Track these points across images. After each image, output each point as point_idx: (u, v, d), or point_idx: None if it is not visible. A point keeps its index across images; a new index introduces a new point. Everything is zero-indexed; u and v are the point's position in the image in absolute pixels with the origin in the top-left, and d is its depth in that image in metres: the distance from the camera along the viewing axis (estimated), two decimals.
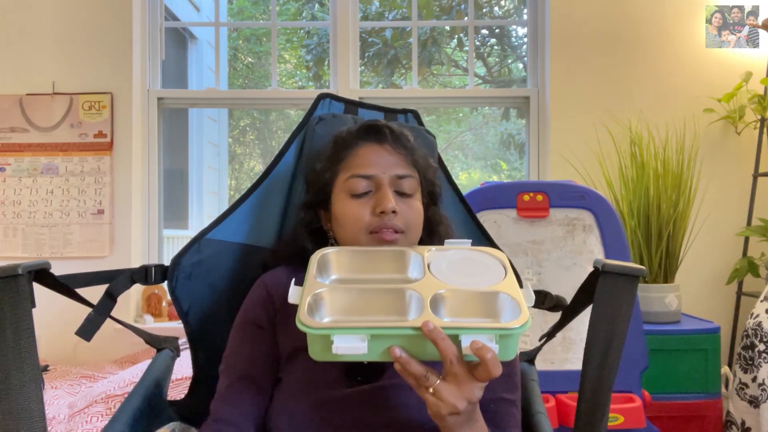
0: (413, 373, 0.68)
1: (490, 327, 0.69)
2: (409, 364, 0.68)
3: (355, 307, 0.76)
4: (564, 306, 0.99)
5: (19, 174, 2.64)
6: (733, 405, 1.87)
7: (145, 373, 1.01)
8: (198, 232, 1.08)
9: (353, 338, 0.68)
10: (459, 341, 0.68)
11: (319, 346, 0.70)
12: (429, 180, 0.98)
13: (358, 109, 1.17)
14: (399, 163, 0.93)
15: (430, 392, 0.69)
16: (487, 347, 0.66)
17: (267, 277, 0.98)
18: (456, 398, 0.68)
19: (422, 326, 0.67)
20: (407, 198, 0.92)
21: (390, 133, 0.94)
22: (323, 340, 0.69)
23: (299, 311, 0.72)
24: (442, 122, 6.91)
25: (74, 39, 2.65)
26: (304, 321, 0.70)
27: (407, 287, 0.77)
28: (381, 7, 5.51)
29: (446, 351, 0.67)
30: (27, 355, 0.72)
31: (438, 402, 0.68)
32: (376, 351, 0.69)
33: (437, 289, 0.76)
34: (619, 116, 2.59)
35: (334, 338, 0.67)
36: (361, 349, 0.67)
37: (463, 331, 0.68)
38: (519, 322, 0.69)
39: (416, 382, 0.69)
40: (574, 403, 0.78)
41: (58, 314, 1.84)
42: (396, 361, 0.69)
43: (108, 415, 1.81)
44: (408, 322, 0.70)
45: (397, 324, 0.70)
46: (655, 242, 2.20)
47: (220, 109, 4.79)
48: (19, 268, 0.73)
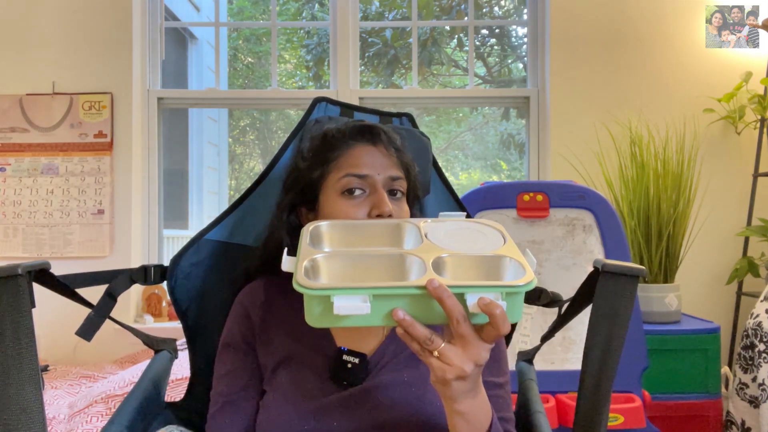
0: (417, 336, 0.66)
1: (497, 285, 0.67)
2: (412, 327, 0.66)
3: (354, 273, 0.74)
4: (560, 302, 0.99)
5: (19, 174, 2.64)
6: (733, 405, 1.87)
7: (142, 375, 1.01)
8: (197, 232, 1.08)
9: (355, 298, 0.64)
10: (464, 300, 0.66)
11: (319, 309, 0.66)
12: (413, 183, 0.98)
13: (353, 113, 1.17)
14: (392, 165, 0.92)
15: (435, 356, 0.67)
16: (495, 303, 0.65)
17: (243, 295, 0.97)
18: (462, 360, 0.66)
19: (427, 284, 0.65)
20: (398, 200, 0.92)
21: (383, 134, 0.94)
22: (323, 301, 0.65)
23: (296, 274, 0.68)
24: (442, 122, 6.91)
25: (74, 39, 2.66)
26: (302, 282, 0.66)
27: (408, 252, 0.75)
28: (381, 7, 5.51)
29: (452, 310, 0.65)
30: (27, 355, 0.72)
31: (443, 366, 0.67)
32: (378, 314, 0.66)
33: (438, 253, 0.74)
34: (619, 116, 2.59)
35: (335, 299, 0.64)
36: (364, 309, 0.64)
37: (469, 289, 0.66)
38: (524, 280, 0.67)
39: (420, 347, 0.67)
40: (574, 403, 0.78)
41: (58, 314, 1.84)
42: (399, 323, 0.66)
43: (108, 415, 1.81)
44: (412, 281, 0.67)
45: (400, 283, 0.67)
46: (655, 242, 2.20)
47: (220, 109, 4.79)
48: (19, 268, 0.73)
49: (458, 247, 0.77)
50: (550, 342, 1.07)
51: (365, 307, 0.64)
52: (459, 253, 0.75)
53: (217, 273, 1.09)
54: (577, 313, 0.91)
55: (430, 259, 0.72)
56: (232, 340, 0.93)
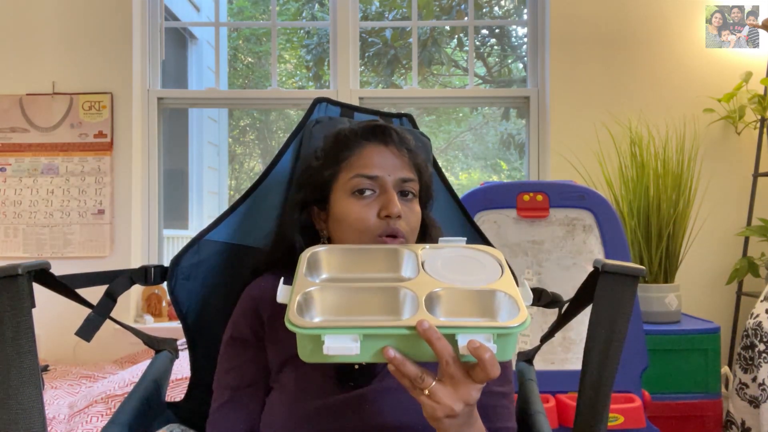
0: (408, 374, 0.67)
1: (488, 326, 0.67)
2: (403, 365, 0.66)
3: (347, 306, 0.73)
4: (560, 303, 0.99)
5: (19, 174, 2.64)
6: (733, 405, 1.87)
7: (143, 375, 1.01)
8: (198, 232, 1.08)
9: (345, 338, 0.65)
10: (455, 341, 0.65)
11: (310, 347, 0.66)
12: (426, 184, 0.98)
13: (354, 113, 1.17)
14: (403, 166, 0.92)
15: (425, 394, 0.67)
16: (485, 347, 0.65)
17: (253, 288, 0.96)
18: (452, 400, 0.67)
19: (417, 325, 0.65)
20: (409, 201, 0.92)
21: (395, 135, 0.94)
22: (314, 340, 0.66)
23: (288, 310, 0.68)
24: (442, 122, 6.91)
25: (74, 39, 2.66)
26: (294, 321, 0.66)
27: (401, 285, 0.74)
28: (381, 7, 5.51)
29: (442, 351, 0.65)
30: (27, 355, 0.72)
31: (434, 404, 0.67)
32: (369, 352, 0.66)
33: (432, 287, 0.73)
34: (619, 116, 2.59)
35: (325, 338, 0.64)
36: (353, 349, 0.64)
37: (460, 331, 0.66)
38: (517, 321, 0.67)
39: (411, 384, 0.67)
40: (574, 403, 0.78)
41: (58, 314, 1.84)
42: (390, 362, 0.66)
43: (108, 415, 1.81)
44: (402, 321, 0.67)
45: (390, 323, 0.67)
46: (655, 242, 2.20)
47: (220, 109, 4.79)
48: (19, 268, 0.73)
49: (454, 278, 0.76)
50: (550, 342, 1.07)
51: (354, 347, 0.64)
52: (453, 287, 0.74)
53: (219, 273, 1.09)
54: (577, 313, 0.91)
55: (424, 293, 0.72)
56: (239, 334, 0.92)
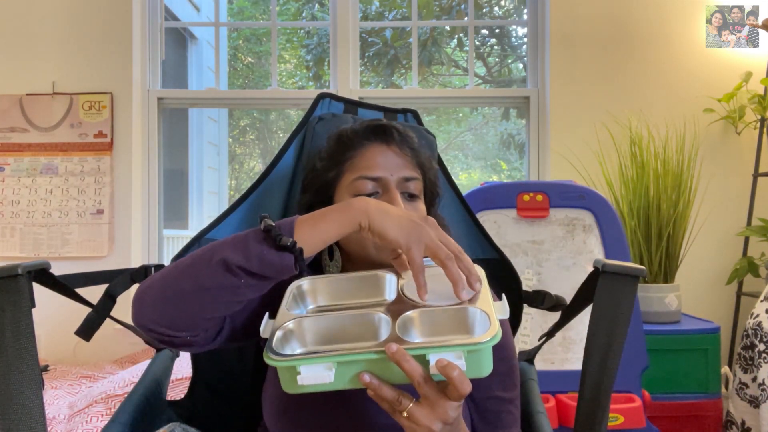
0: (385, 397, 0.67)
1: (456, 344, 0.66)
2: (380, 389, 0.66)
3: (327, 336, 0.74)
4: (563, 306, 0.98)
5: (18, 174, 2.64)
6: (733, 405, 1.87)
7: (144, 374, 1.01)
8: (198, 232, 1.08)
9: (319, 368, 0.66)
10: (427, 361, 0.66)
11: (287, 378, 0.68)
12: (431, 182, 0.98)
13: (357, 109, 1.16)
14: (406, 165, 0.91)
15: (404, 416, 0.67)
16: (452, 365, 0.64)
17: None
18: (430, 420, 0.66)
19: (385, 348, 0.65)
20: (413, 201, 0.91)
21: (397, 134, 0.93)
22: (290, 371, 0.67)
23: (266, 346, 0.70)
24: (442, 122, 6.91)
25: (74, 39, 2.66)
26: (270, 355, 0.68)
27: (375, 311, 0.75)
28: (381, 7, 5.51)
29: (412, 372, 0.65)
30: (27, 355, 0.72)
31: (413, 426, 0.67)
32: (344, 378, 0.67)
33: (406, 310, 0.74)
34: (619, 116, 2.59)
35: (301, 369, 0.66)
36: (327, 377, 0.65)
37: (430, 350, 0.66)
38: (487, 335, 0.66)
39: (390, 407, 0.68)
40: (574, 403, 0.78)
41: (58, 314, 1.84)
42: (366, 386, 0.67)
43: (108, 415, 1.81)
44: (371, 346, 0.68)
45: (361, 349, 0.67)
46: (655, 242, 2.20)
47: (220, 109, 4.78)
48: (18, 268, 0.73)
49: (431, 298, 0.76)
50: (550, 342, 1.07)
51: (328, 375, 0.66)
52: (426, 307, 0.75)
53: None
54: (577, 313, 0.91)
55: (398, 316, 0.72)
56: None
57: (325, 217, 0.76)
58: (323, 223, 0.75)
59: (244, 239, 0.73)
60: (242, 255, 0.71)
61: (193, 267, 0.74)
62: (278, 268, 0.72)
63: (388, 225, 0.75)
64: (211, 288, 0.72)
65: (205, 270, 0.72)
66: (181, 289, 0.73)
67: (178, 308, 0.74)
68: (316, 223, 0.75)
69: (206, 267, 0.72)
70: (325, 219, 0.76)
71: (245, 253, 0.72)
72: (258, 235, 0.73)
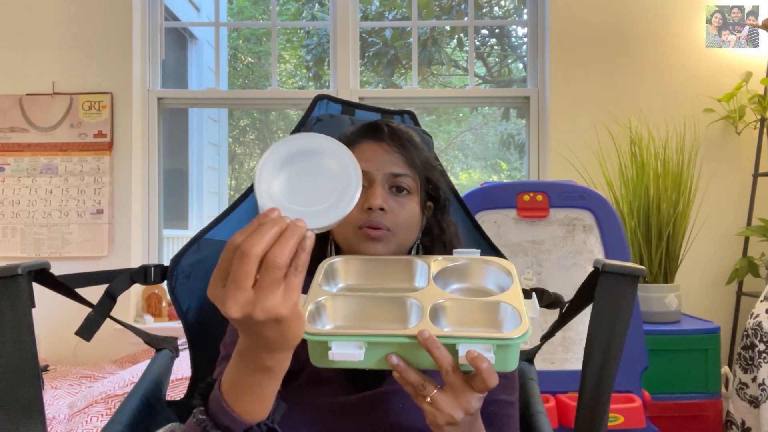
0: (410, 381, 0.68)
1: (488, 337, 0.68)
2: (406, 373, 0.68)
3: (357, 316, 0.76)
4: (561, 303, 0.98)
5: (18, 174, 2.64)
6: (733, 405, 1.87)
7: (144, 374, 1.01)
8: (198, 231, 1.08)
9: (350, 345, 0.68)
10: (456, 351, 0.67)
11: (318, 352, 0.70)
12: (432, 182, 0.97)
13: (355, 110, 1.17)
14: (395, 162, 0.92)
15: (427, 401, 0.68)
16: (482, 357, 0.66)
17: None
18: (453, 408, 0.67)
19: (417, 335, 0.67)
20: (402, 197, 0.91)
21: (389, 131, 0.94)
22: (321, 346, 0.69)
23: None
24: (442, 122, 6.91)
25: (74, 39, 2.66)
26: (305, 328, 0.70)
27: (408, 296, 0.76)
28: (381, 7, 5.51)
29: (441, 360, 0.66)
30: (27, 355, 0.72)
31: (435, 411, 0.68)
32: (373, 358, 0.69)
33: (438, 298, 0.75)
34: (619, 116, 2.59)
35: (332, 345, 0.67)
36: (357, 356, 0.67)
37: (460, 341, 0.67)
38: (518, 332, 0.68)
39: (414, 391, 0.69)
40: (574, 403, 0.78)
41: (58, 314, 1.84)
42: (393, 368, 0.68)
43: (108, 415, 1.81)
44: (404, 330, 0.69)
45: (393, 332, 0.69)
46: (655, 242, 2.20)
47: (220, 109, 4.78)
48: (18, 268, 0.73)
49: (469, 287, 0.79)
50: (550, 342, 1.07)
51: (358, 354, 0.67)
52: (458, 298, 0.77)
53: None
54: (578, 313, 0.91)
55: (429, 303, 0.74)
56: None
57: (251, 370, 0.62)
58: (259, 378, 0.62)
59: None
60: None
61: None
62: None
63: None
64: None
65: None
66: None
67: None
68: (245, 383, 0.63)
69: None
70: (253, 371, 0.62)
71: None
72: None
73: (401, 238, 0.91)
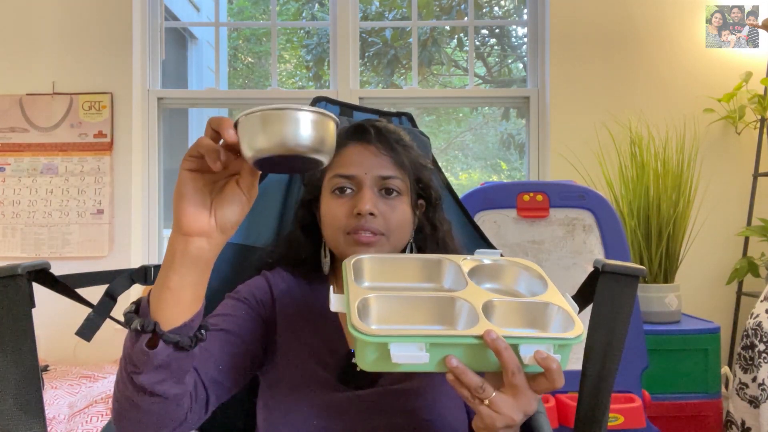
0: (468, 384, 0.66)
1: (550, 337, 0.68)
2: (465, 375, 0.66)
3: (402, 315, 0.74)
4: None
5: (18, 174, 2.64)
6: (733, 405, 1.87)
7: None
8: None
9: (412, 347, 0.65)
10: (518, 350, 0.66)
11: (373, 355, 0.66)
12: (423, 182, 0.97)
13: (353, 112, 1.17)
14: (384, 164, 0.91)
15: (485, 404, 0.66)
16: (552, 357, 0.65)
17: (268, 274, 0.98)
18: (513, 410, 0.67)
19: (484, 335, 0.65)
20: (392, 200, 0.91)
21: (376, 132, 0.93)
22: (379, 348, 0.65)
23: (350, 316, 0.68)
24: (442, 122, 6.91)
25: (74, 39, 2.65)
26: (359, 327, 0.66)
27: (456, 296, 0.75)
28: (381, 7, 5.51)
29: (508, 361, 0.65)
30: (27, 355, 0.72)
31: (494, 414, 0.66)
32: (432, 360, 0.66)
33: (486, 298, 0.74)
34: (619, 116, 2.59)
35: (392, 346, 0.64)
36: (422, 358, 0.64)
37: (523, 341, 0.66)
38: (575, 332, 0.68)
39: (470, 394, 0.67)
40: (574, 403, 0.78)
41: (58, 314, 1.84)
42: (452, 371, 0.66)
43: (108, 415, 1.81)
44: (469, 330, 0.67)
45: (457, 333, 0.67)
46: (655, 242, 2.20)
47: (220, 110, 4.78)
48: (18, 268, 0.73)
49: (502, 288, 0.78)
50: None
51: (423, 356, 0.64)
52: (506, 298, 0.76)
53: (219, 272, 1.09)
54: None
55: (479, 303, 0.72)
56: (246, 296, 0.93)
57: (166, 269, 0.68)
58: (169, 274, 0.67)
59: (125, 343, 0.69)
60: (125, 362, 0.69)
61: (118, 389, 0.71)
62: (143, 359, 0.66)
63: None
64: (140, 405, 0.69)
65: (124, 391, 0.70)
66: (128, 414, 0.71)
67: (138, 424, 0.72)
68: (161, 282, 0.67)
69: (124, 388, 0.70)
70: (167, 269, 0.67)
71: (124, 359, 0.69)
72: (129, 334, 0.68)
73: (394, 240, 0.90)
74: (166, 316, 0.67)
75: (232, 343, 0.86)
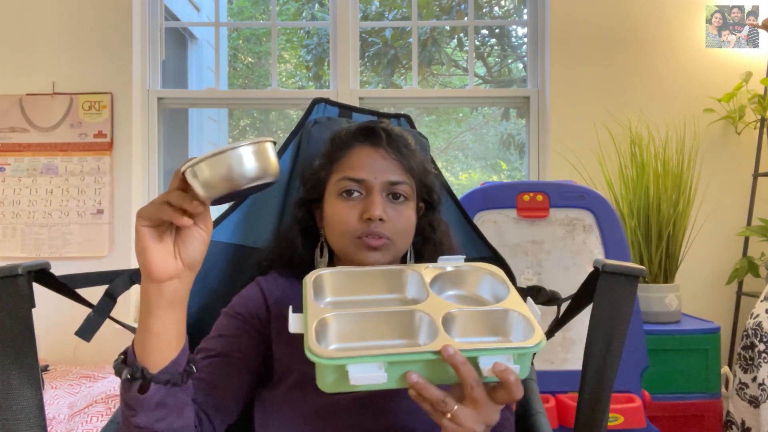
0: (430, 398, 0.66)
1: (508, 347, 0.67)
2: (426, 390, 0.66)
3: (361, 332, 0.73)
4: (558, 300, 0.99)
5: (18, 174, 2.64)
6: (733, 405, 1.87)
7: None
8: None
9: (370, 367, 0.64)
10: (477, 363, 0.65)
11: (332, 377, 0.65)
12: (427, 186, 0.97)
13: (352, 113, 1.17)
14: (393, 169, 0.91)
15: (447, 417, 0.66)
16: (510, 369, 0.65)
17: (262, 281, 0.97)
18: (474, 422, 0.66)
19: (442, 351, 0.65)
20: (399, 205, 0.90)
21: (386, 136, 0.93)
22: (337, 370, 0.65)
23: (308, 340, 0.67)
24: (442, 122, 6.91)
25: (74, 39, 2.65)
26: (315, 351, 0.65)
27: (415, 309, 0.74)
28: (381, 7, 5.51)
29: (467, 376, 0.65)
30: (27, 355, 0.72)
31: (456, 427, 0.66)
32: (392, 378, 0.66)
33: (445, 309, 0.73)
34: (619, 116, 2.59)
35: (350, 368, 0.64)
36: (381, 378, 0.64)
37: (482, 353, 0.66)
38: (534, 340, 0.68)
39: (432, 408, 0.67)
40: (574, 403, 0.78)
41: (58, 314, 1.84)
42: (412, 386, 0.66)
43: (108, 415, 1.81)
44: (427, 346, 0.67)
45: (415, 349, 0.67)
46: (655, 242, 2.20)
47: (220, 109, 4.78)
48: (19, 268, 0.73)
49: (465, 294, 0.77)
50: (550, 342, 1.07)
51: (382, 376, 0.64)
52: (466, 308, 0.75)
53: (218, 273, 1.09)
54: (577, 313, 0.91)
55: (439, 315, 0.71)
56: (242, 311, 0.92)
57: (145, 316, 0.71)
58: (149, 320, 0.71)
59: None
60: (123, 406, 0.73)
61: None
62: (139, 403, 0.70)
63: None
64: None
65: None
66: None
67: None
68: (143, 328, 0.71)
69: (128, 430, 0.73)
70: (146, 316, 0.71)
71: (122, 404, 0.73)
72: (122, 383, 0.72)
73: (399, 245, 0.90)
74: (153, 359, 0.71)
75: (230, 365, 0.87)
